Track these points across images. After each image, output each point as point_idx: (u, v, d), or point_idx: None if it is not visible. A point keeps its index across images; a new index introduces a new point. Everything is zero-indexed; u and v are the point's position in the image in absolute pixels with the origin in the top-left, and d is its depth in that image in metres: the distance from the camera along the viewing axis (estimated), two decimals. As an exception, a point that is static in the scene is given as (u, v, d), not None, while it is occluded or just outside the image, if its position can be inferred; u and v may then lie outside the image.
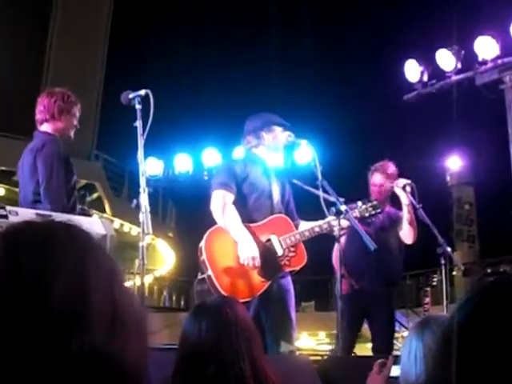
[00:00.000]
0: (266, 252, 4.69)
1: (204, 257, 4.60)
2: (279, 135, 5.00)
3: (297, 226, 4.93)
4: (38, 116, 4.77)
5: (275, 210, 4.87)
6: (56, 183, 4.48)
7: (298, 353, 5.31)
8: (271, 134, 5.00)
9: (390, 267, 5.94)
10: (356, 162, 6.52)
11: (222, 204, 4.70)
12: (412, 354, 2.21)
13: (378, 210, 5.05)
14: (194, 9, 21.90)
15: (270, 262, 4.69)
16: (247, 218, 4.77)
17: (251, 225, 4.75)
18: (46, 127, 4.75)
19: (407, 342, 2.28)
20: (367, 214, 5.00)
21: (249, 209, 4.83)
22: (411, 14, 17.26)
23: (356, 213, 4.93)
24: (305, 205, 5.30)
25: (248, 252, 4.54)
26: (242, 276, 4.60)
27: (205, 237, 4.70)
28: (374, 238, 5.52)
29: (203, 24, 22.44)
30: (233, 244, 4.62)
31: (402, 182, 5.75)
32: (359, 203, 5.04)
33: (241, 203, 4.81)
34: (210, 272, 4.55)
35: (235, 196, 4.78)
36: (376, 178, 5.99)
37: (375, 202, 5.05)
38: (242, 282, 4.60)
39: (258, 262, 4.54)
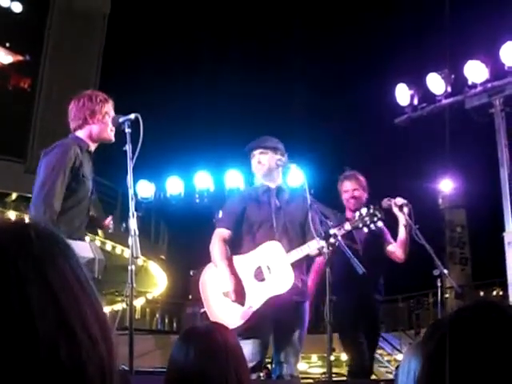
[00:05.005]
0: (255, 280, 4.80)
1: (201, 294, 4.91)
2: (257, 160, 5.05)
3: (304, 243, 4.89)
4: (71, 125, 4.42)
5: (276, 237, 4.88)
6: (47, 190, 4.10)
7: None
8: (252, 159, 5.11)
9: (377, 283, 5.92)
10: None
11: (215, 243, 4.92)
12: (411, 373, 2.17)
13: (375, 219, 4.87)
14: (187, 35, 22.05)
15: (257, 289, 4.78)
16: (248, 249, 4.90)
17: (242, 256, 4.88)
18: (79, 133, 4.40)
19: (405, 363, 2.20)
20: (360, 225, 4.88)
21: (250, 241, 4.94)
22: (401, 39, 17.42)
23: (347, 226, 4.86)
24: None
25: (230, 287, 4.73)
26: (230, 306, 4.77)
27: (202, 275, 4.98)
28: (362, 253, 5.55)
29: (196, 48, 22.59)
30: (222, 280, 4.82)
31: (400, 200, 5.61)
32: (357, 214, 4.95)
33: (243, 237, 4.98)
34: (205, 308, 4.90)
35: (237, 231, 4.95)
36: (347, 185, 5.93)
37: (372, 211, 4.89)
38: (231, 312, 4.75)
39: (238, 297, 4.71)
